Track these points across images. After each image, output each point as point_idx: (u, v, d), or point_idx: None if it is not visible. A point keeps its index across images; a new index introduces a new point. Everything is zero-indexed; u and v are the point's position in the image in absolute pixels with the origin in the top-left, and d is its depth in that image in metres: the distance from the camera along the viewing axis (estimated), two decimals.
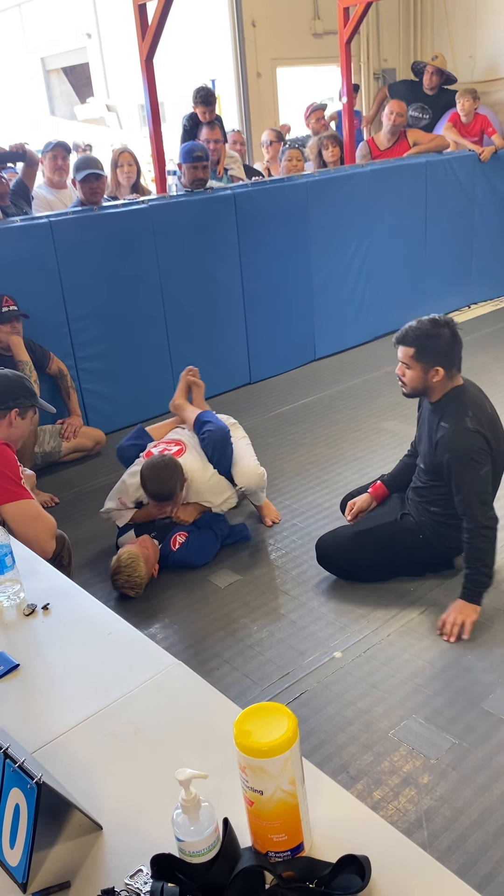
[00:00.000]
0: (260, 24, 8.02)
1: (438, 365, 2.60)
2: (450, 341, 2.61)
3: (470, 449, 2.56)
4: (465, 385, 2.70)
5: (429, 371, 2.62)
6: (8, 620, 1.72)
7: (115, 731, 1.35)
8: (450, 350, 2.62)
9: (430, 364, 2.61)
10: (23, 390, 2.66)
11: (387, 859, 1.05)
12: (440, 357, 2.60)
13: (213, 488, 3.23)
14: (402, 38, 8.89)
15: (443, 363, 2.61)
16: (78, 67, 13.71)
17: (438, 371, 2.61)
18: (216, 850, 1.02)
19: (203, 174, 4.76)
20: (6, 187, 4.49)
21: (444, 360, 2.61)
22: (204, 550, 3.18)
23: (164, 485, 3.00)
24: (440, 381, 2.63)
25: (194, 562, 3.16)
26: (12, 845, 1.10)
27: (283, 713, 1.04)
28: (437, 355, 2.60)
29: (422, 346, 2.60)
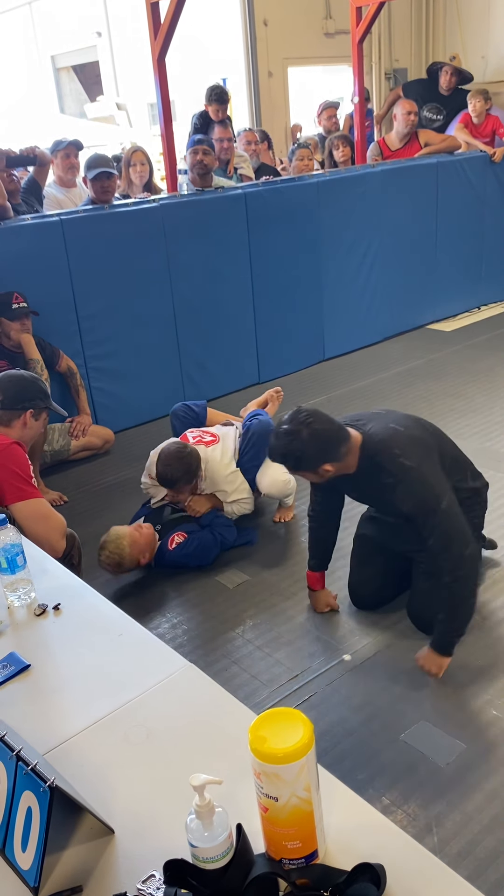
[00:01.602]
0: (272, 23, 8.01)
1: (321, 466, 2.29)
2: (317, 443, 2.25)
3: (422, 488, 2.26)
4: (366, 434, 2.35)
5: (317, 472, 2.32)
6: (19, 620, 1.72)
7: (128, 734, 1.34)
8: (323, 448, 2.26)
9: (315, 469, 2.31)
10: (38, 392, 2.67)
11: (402, 867, 1.04)
12: (318, 460, 2.28)
13: (230, 479, 3.24)
14: (414, 38, 8.86)
15: (325, 461, 2.28)
16: (88, 66, 13.71)
17: (326, 468, 2.30)
18: (230, 856, 1.01)
19: (204, 157, 4.74)
20: (17, 185, 4.49)
21: (325, 457, 2.28)
22: (200, 554, 3.14)
23: (167, 469, 3.07)
24: (334, 467, 2.31)
25: (189, 563, 3.14)
26: (24, 848, 1.09)
27: (299, 719, 1.03)
28: (313, 462, 2.28)
29: (296, 466, 2.33)
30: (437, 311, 6.22)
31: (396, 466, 2.27)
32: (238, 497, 3.26)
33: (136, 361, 4.59)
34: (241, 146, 5.80)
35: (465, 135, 6.28)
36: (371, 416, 2.46)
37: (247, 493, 3.28)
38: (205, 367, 4.93)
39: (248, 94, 8.25)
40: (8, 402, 2.60)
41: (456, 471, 2.50)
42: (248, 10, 7.89)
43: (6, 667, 1.54)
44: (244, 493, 3.28)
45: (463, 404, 4.56)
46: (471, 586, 2.32)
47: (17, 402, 2.61)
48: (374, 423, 2.40)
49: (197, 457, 3.15)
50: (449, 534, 2.25)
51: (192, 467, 3.11)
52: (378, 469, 2.31)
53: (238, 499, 3.27)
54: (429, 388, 4.86)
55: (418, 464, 2.28)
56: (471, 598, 2.35)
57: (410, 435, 2.36)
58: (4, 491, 2.36)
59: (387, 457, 2.30)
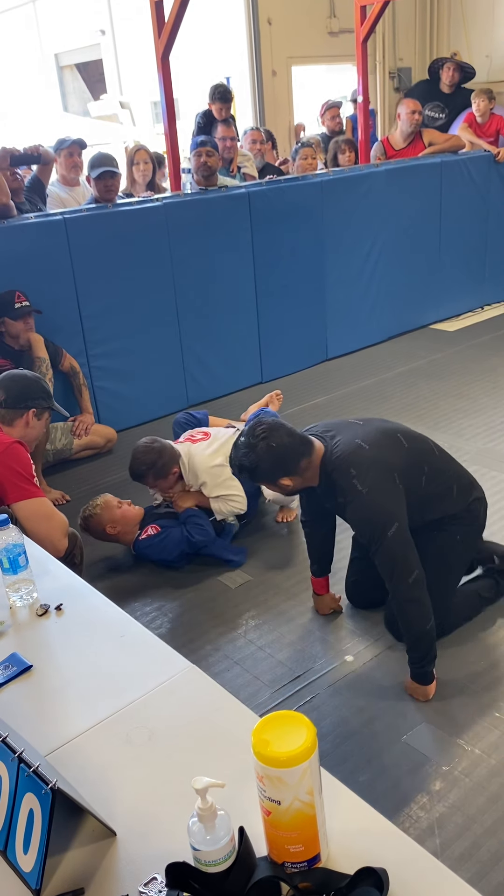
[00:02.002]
0: (276, 21, 8.00)
1: (280, 479, 2.32)
2: (272, 456, 2.27)
3: (371, 513, 2.23)
4: (327, 448, 2.32)
5: (277, 485, 2.35)
6: (21, 621, 1.71)
7: (130, 735, 1.34)
8: (279, 462, 2.28)
9: (272, 481, 2.35)
10: (41, 391, 2.67)
11: (404, 871, 1.04)
12: (274, 473, 2.31)
13: (213, 472, 3.18)
14: (419, 37, 8.86)
15: (283, 474, 2.31)
16: (91, 64, 13.70)
17: (285, 481, 2.32)
18: (232, 859, 1.00)
19: (209, 160, 4.74)
20: (21, 184, 4.48)
21: (281, 471, 2.30)
22: (162, 548, 3.09)
23: (133, 463, 3.15)
24: (297, 483, 2.33)
25: (151, 557, 3.13)
26: (26, 851, 1.09)
27: (302, 722, 1.03)
28: (270, 474, 2.32)
29: (251, 478, 2.37)
30: (440, 310, 6.21)
31: (349, 487, 2.24)
32: (224, 493, 3.18)
33: (139, 360, 4.58)
34: (246, 145, 5.80)
35: (469, 134, 6.26)
36: (343, 427, 2.41)
37: (236, 490, 3.19)
38: (207, 367, 4.93)
39: (251, 92, 8.24)
40: (10, 402, 2.60)
41: (439, 486, 2.41)
42: (251, 8, 7.89)
43: (8, 667, 1.54)
44: (232, 489, 3.18)
45: (466, 404, 4.56)
46: (420, 611, 2.24)
47: (19, 402, 2.60)
48: (342, 435, 2.35)
49: (168, 451, 3.15)
50: (393, 561, 2.22)
51: (158, 461, 3.11)
52: (333, 486, 2.30)
53: (224, 494, 3.18)
54: (432, 389, 4.85)
55: (370, 488, 2.22)
56: (422, 623, 2.25)
57: (372, 455, 2.28)
58: (6, 490, 2.35)
59: (341, 475, 2.27)
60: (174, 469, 3.18)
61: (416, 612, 2.25)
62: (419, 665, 2.32)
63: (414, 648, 2.31)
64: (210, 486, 3.18)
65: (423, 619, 2.25)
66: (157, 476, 3.15)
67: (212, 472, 3.18)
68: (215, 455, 3.22)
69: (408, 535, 2.24)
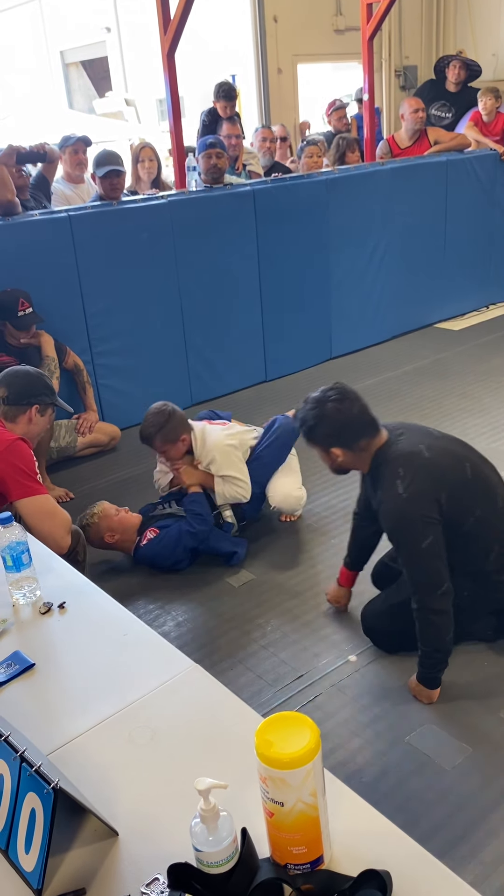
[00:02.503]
0: (282, 19, 7.99)
1: (333, 447, 2.28)
2: (335, 420, 2.24)
3: (405, 520, 2.18)
4: (390, 440, 2.29)
5: (328, 453, 2.31)
6: (24, 619, 1.71)
7: (132, 735, 1.33)
8: (339, 429, 2.25)
9: (325, 447, 2.31)
10: (44, 387, 2.66)
11: (408, 873, 1.03)
12: (330, 439, 2.28)
13: (225, 450, 3.15)
14: (425, 35, 8.84)
15: (337, 444, 2.27)
16: (97, 61, 13.70)
17: (336, 452, 2.29)
18: (234, 860, 1.00)
19: (219, 161, 4.74)
20: (26, 181, 4.48)
21: (337, 440, 2.27)
22: (165, 547, 3.05)
23: (144, 425, 3.14)
24: (347, 459, 2.30)
25: (153, 561, 3.09)
26: (27, 850, 1.08)
27: (306, 724, 1.02)
28: (325, 438, 2.28)
29: (306, 434, 2.32)
30: (445, 309, 6.20)
31: (390, 486, 2.20)
32: (230, 473, 3.13)
33: (143, 358, 4.58)
34: (256, 143, 5.78)
35: (475, 133, 6.24)
36: (416, 431, 2.36)
37: (242, 474, 3.15)
38: (212, 365, 4.92)
39: (257, 90, 8.23)
40: (13, 398, 2.59)
41: (481, 539, 2.28)
42: (257, 6, 7.88)
43: (11, 665, 1.53)
44: (239, 472, 3.14)
45: (470, 404, 4.54)
46: (445, 623, 2.21)
47: (22, 398, 2.60)
48: (410, 436, 2.31)
49: (180, 416, 3.14)
50: (422, 572, 2.19)
51: (167, 424, 3.10)
52: (379, 479, 2.27)
53: (230, 475, 3.13)
54: (436, 388, 4.84)
55: (410, 494, 2.17)
56: (444, 635, 2.23)
57: (426, 465, 2.22)
58: (10, 487, 2.35)
59: (388, 471, 2.23)
60: (183, 436, 3.15)
61: (442, 623, 2.21)
62: (430, 671, 2.30)
63: (428, 657, 2.28)
64: (219, 464, 3.14)
65: (446, 631, 2.22)
66: (166, 440, 3.10)
67: (224, 450, 3.15)
68: (231, 437, 3.22)
69: (441, 549, 2.18)
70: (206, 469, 3.19)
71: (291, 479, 3.28)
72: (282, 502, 3.24)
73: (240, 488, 3.16)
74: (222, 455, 3.15)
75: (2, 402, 2.59)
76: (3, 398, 2.59)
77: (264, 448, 3.27)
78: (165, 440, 3.11)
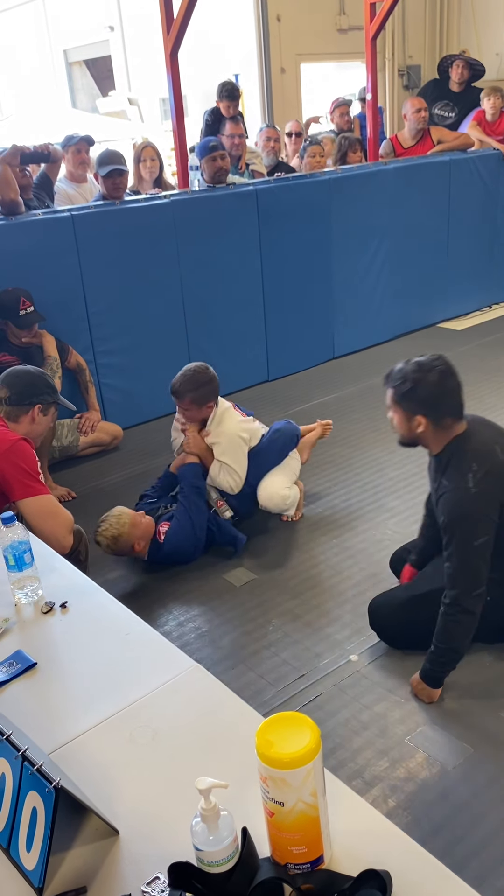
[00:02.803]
0: (285, 18, 7.99)
1: (420, 414, 2.25)
2: (434, 389, 2.22)
3: (467, 514, 2.19)
4: (469, 431, 2.29)
5: (411, 420, 2.27)
6: (26, 618, 1.71)
7: (133, 734, 1.34)
8: (435, 399, 2.23)
9: (411, 412, 2.26)
10: (45, 386, 2.66)
11: (408, 873, 1.03)
12: (421, 406, 2.24)
13: (232, 437, 3.20)
14: (428, 34, 8.83)
15: (426, 413, 2.24)
16: (100, 60, 13.70)
17: (420, 421, 2.26)
18: (235, 860, 1.00)
19: (223, 163, 4.74)
20: (30, 181, 4.49)
21: (428, 409, 2.24)
22: (189, 535, 3.07)
23: (180, 377, 3.18)
24: (427, 432, 2.27)
25: (181, 551, 3.08)
26: (29, 849, 1.09)
27: (306, 724, 1.02)
28: (416, 403, 2.24)
29: (399, 392, 2.27)
30: (447, 309, 6.19)
31: (460, 477, 2.20)
32: (229, 461, 3.18)
33: (146, 358, 4.58)
34: (260, 142, 5.78)
35: (479, 132, 6.23)
36: (490, 428, 2.37)
37: (239, 467, 3.19)
38: (214, 364, 4.85)
39: (260, 89, 8.23)
40: (15, 398, 2.59)
41: None
42: (261, 5, 7.88)
43: (12, 665, 1.54)
44: (237, 464, 3.19)
45: (473, 403, 4.51)
46: (470, 624, 2.23)
47: (24, 398, 2.60)
48: (488, 433, 2.32)
49: (216, 385, 3.20)
50: (466, 569, 2.20)
51: (204, 387, 3.16)
52: (447, 468, 2.27)
53: (228, 462, 3.18)
54: None
55: (479, 490, 2.17)
56: (464, 637, 2.24)
57: (499, 464, 2.22)
58: (12, 487, 2.35)
59: (461, 462, 2.22)
60: (210, 404, 3.21)
61: (467, 624, 2.22)
62: (437, 668, 2.30)
63: (442, 654, 2.27)
64: (223, 449, 3.20)
65: (468, 633, 2.24)
66: (194, 402, 3.18)
67: (232, 439, 3.20)
68: (244, 430, 3.26)
69: (489, 551, 2.20)
70: (210, 445, 3.23)
71: (280, 479, 3.28)
72: (267, 500, 3.25)
73: (232, 479, 3.21)
74: (229, 442, 3.20)
75: (4, 403, 2.59)
76: (5, 398, 2.59)
77: (261, 449, 3.29)
78: (194, 401, 3.18)
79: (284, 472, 3.32)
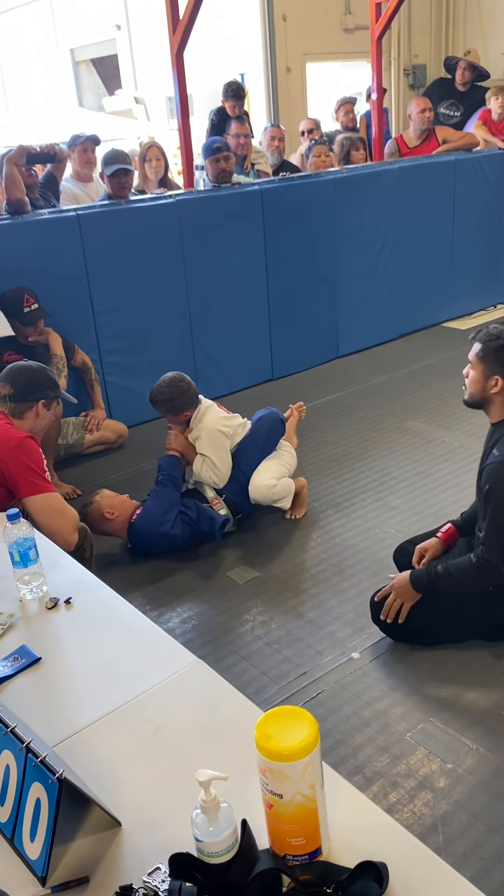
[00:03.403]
0: (290, 18, 7.99)
1: (499, 375, 2.34)
2: None
3: None
4: None
5: (488, 378, 2.36)
6: (31, 613, 1.74)
7: (136, 728, 1.36)
8: None
9: (491, 370, 2.36)
10: (48, 381, 2.68)
11: (405, 867, 1.05)
12: (502, 363, 2.34)
13: (214, 435, 3.29)
14: (434, 34, 8.82)
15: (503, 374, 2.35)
16: (107, 59, 13.71)
17: (497, 381, 2.35)
18: (234, 851, 1.02)
19: (227, 165, 4.76)
20: (35, 180, 4.51)
21: None
22: (158, 506, 3.17)
23: (158, 390, 3.31)
24: (499, 393, 2.36)
25: (152, 523, 3.15)
26: (32, 839, 1.11)
27: (305, 718, 1.04)
28: (500, 363, 2.34)
29: (488, 348, 2.36)
30: (452, 309, 6.20)
31: None
32: (209, 453, 3.27)
33: (151, 356, 4.60)
34: (265, 142, 5.79)
35: (484, 132, 6.23)
36: None
37: (219, 460, 3.27)
38: (218, 363, 4.94)
39: (265, 89, 8.23)
40: (19, 394, 2.61)
41: None
42: (267, 4, 7.88)
43: (17, 659, 1.56)
44: (217, 458, 3.27)
45: None
46: (485, 575, 2.36)
47: (28, 394, 2.61)
48: None
49: (190, 395, 3.30)
50: (499, 536, 2.31)
51: (176, 399, 3.28)
52: (500, 439, 2.36)
53: (208, 455, 3.27)
54: (443, 387, 4.85)
55: None
56: (471, 583, 2.40)
57: None
58: (18, 484, 2.38)
59: None
60: (186, 413, 3.33)
61: (480, 576, 2.36)
62: (431, 582, 2.42)
63: (442, 579, 2.41)
64: (203, 443, 3.30)
65: (475, 582, 2.38)
66: (168, 412, 3.34)
67: (212, 433, 3.30)
68: (225, 426, 3.34)
69: None
70: (192, 441, 3.34)
71: (267, 471, 3.32)
72: (255, 492, 3.29)
73: (214, 472, 3.29)
74: (209, 437, 3.30)
75: (8, 400, 2.61)
76: (8, 395, 2.61)
77: (247, 439, 3.37)
78: (168, 411, 3.34)
79: (275, 464, 3.37)
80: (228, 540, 3.32)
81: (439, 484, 3.65)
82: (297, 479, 3.47)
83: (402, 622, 2.51)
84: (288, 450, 3.50)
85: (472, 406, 2.47)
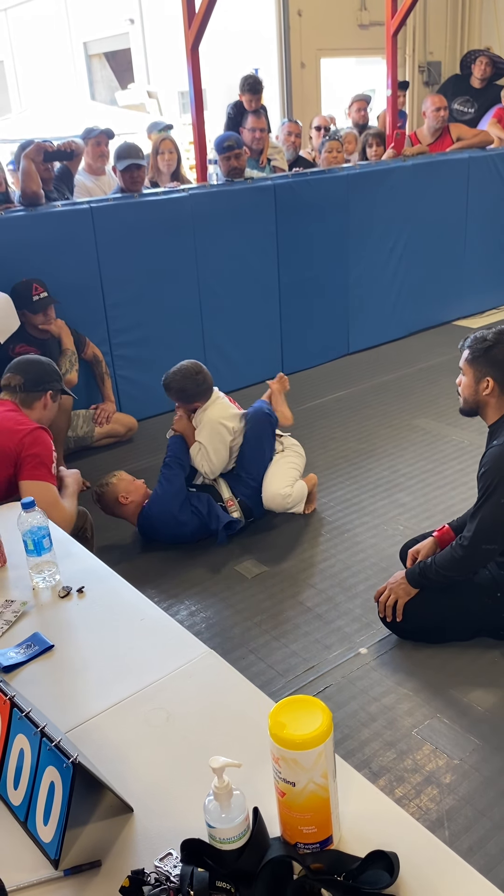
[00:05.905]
0: (306, 13, 7.97)
1: (489, 376, 2.38)
2: None
3: (502, 474, 2.30)
4: None
5: (479, 381, 2.41)
6: (44, 602, 1.75)
7: (148, 716, 1.36)
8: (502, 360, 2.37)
9: (482, 372, 2.40)
10: (55, 373, 2.75)
11: (415, 857, 1.06)
12: (493, 367, 2.38)
13: (212, 427, 3.32)
14: (450, 30, 8.78)
15: (495, 375, 2.38)
16: (120, 53, 13.72)
17: (489, 383, 2.39)
18: (246, 838, 1.03)
19: (237, 163, 4.75)
20: (51, 174, 4.52)
21: (498, 372, 2.38)
22: (167, 490, 3.22)
23: (173, 377, 3.33)
24: (491, 395, 2.40)
25: (163, 506, 3.19)
26: (46, 822, 1.12)
27: (319, 707, 1.05)
28: (489, 365, 2.38)
29: (477, 351, 2.41)
30: (463, 307, 6.18)
31: None
32: (205, 441, 3.31)
33: (161, 350, 4.61)
34: (281, 137, 5.78)
35: (499, 130, 6.21)
36: None
37: (213, 450, 3.31)
38: (229, 358, 4.95)
39: (279, 84, 8.22)
40: (29, 385, 2.66)
41: None
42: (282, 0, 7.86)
43: (30, 646, 1.57)
44: (210, 447, 3.31)
45: None
46: (465, 564, 2.39)
47: (37, 385, 2.67)
48: None
49: (204, 388, 3.34)
50: (488, 522, 2.33)
51: (189, 390, 3.32)
52: (498, 431, 2.40)
53: (203, 443, 3.31)
54: (453, 385, 4.79)
55: None
56: (455, 571, 2.41)
57: None
58: (22, 469, 2.41)
59: None
60: (197, 403, 3.38)
61: (467, 562, 2.38)
62: (424, 576, 2.46)
63: (434, 572, 2.43)
64: (203, 432, 3.34)
65: (463, 569, 2.40)
66: (180, 399, 3.38)
67: (213, 425, 3.33)
68: (230, 420, 3.36)
69: None
70: (195, 426, 3.40)
71: (280, 479, 3.33)
72: (269, 501, 3.31)
73: (207, 462, 3.34)
74: (209, 427, 3.33)
75: (19, 390, 2.65)
76: (19, 385, 2.65)
77: (245, 446, 3.39)
78: (179, 399, 3.39)
79: (285, 467, 3.37)
80: (237, 535, 3.33)
81: (448, 482, 3.65)
82: (308, 477, 3.48)
83: (407, 620, 2.52)
84: (295, 448, 3.49)
85: (468, 413, 2.52)
